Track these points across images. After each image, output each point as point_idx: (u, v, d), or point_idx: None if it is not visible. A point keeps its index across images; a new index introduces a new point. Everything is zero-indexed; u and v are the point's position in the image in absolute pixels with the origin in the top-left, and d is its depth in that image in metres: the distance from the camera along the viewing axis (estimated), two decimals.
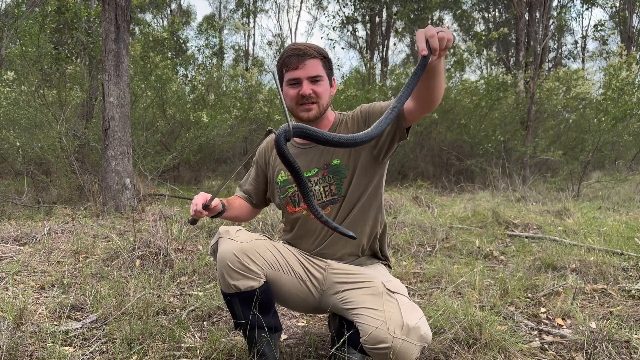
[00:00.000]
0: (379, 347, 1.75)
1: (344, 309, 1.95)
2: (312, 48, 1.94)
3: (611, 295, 3.04)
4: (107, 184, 6.15)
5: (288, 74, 1.93)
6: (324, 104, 1.96)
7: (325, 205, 2.01)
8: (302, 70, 1.91)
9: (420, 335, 1.77)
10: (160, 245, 3.71)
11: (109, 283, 3.20)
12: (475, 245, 4.32)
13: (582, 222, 5.37)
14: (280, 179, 2.09)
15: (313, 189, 2.02)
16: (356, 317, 1.87)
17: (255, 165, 2.24)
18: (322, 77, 1.94)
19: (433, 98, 1.70)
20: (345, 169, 1.99)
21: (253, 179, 2.25)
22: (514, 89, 12.44)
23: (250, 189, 2.26)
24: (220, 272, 1.89)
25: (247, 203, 2.28)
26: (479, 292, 3.01)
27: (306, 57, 1.90)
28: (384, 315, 1.79)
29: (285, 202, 2.09)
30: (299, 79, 1.91)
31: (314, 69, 1.92)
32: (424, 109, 1.78)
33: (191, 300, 2.97)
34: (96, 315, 2.73)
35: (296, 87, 1.93)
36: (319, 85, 1.94)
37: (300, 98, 1.92)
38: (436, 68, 1.56)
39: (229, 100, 11.44)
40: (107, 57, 6.07)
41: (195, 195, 2.01)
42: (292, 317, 2.78)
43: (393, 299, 1.89)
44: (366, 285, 1.96)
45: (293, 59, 1.91)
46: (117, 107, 6.09)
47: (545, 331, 2.55)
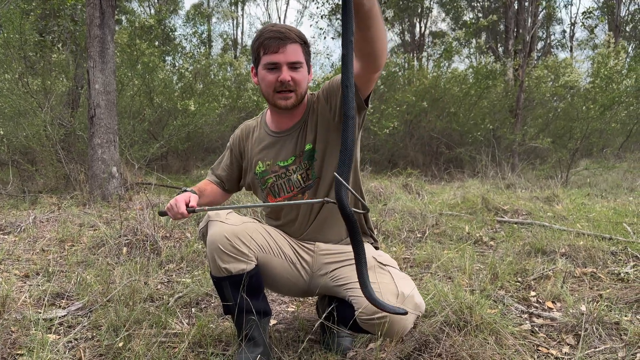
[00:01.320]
0: (375, 317, 1.73)
1: (335, 287, 1.93)
2: (293, 32, 1.85)
3: (600, 278, 3.05)
4: (94, 173, 6.06)
5: (267, 57, 1.84)
6: (302, 92, 1.89)
7: (304, 192, 1.98)
8: (282, 54, 1.81)
9: (415, 303, 1.77)
10: (148, 233, 3.65)
11: (95, 270, 3.14)
12: (465, 231, 4.32)
13: (571, 208, 5.39)
14: (258, 169, 2.04)
15: (291, 178, 1.98)
16: (349, 292, 1.85)
17: (230, 153, 2.19)
18: (302, 63, 1.86)
19: (374, 51, 1.53)
20: (315, 151, 1.94)
21: (227, 165, 2.20)
22: (503, 78, 12.45)
23: (222, 174, 2.22)
24: (211, 255, 1.85)
25: (219, 188, 2.24)
26: (469, 277, 3.00)
27: (287, 41, 1.82)
28: (378, 286, 1.78)
29: (266, 193, 2.05)
30: (278, 63, 1.82)
31: (294, 54, 1.83)
32: (368, 68, 1.62)
33: (179, 287, 2.93)
34: (82, 302, 2.68)
35: (275, 72, 1.84)
36: (298, 72, 1.85)
37: (279, 85, 1.84)
38: (370, 10, 1.39)
39: (217, 89, 11.32)
40: (92, 43, 5.96)
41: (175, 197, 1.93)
42: (282, 303, 2.76)
43: (385, 271, 1.88)
44: None
45: (273, 42, 1.81)
46: (103, 94, 5.99)
47: (535, 314, 2.55)
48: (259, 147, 2.06)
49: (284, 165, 1.98)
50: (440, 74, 12.44)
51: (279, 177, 2.00)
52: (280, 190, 2.02)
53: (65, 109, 8.61)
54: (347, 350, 2.07)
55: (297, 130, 1.97)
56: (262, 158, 2.04)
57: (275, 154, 2.00)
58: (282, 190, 2.01)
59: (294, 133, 1.97)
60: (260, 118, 2.14)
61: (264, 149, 2.04)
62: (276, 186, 2.02)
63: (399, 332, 1.77)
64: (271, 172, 2.01)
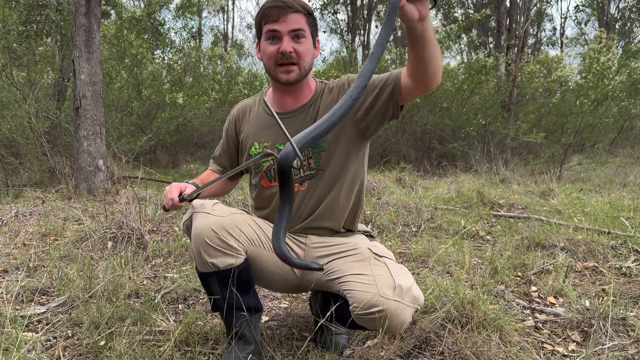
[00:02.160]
0: (372, 312, 1.62)
1: (329, 282, 1.81)
2: (296, 1, 1.73)
3: (602, 273, 2.96)
4: (79, 166, 5.89)
5: (267, 26, 1.73)
6: (305, 66, 1.76)
7: (303, 181, 1.84)
8: (283, 23, 1.70)
9: (413, 296, 1.66)
10: (134, 227, 3.51)
11: (78, 265, 3.00)
12: (461, 225, 4.22)
13: (567, 203, 5.32)
14: (253, 151, 1.90)
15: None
16: (343, 285, 1.73)
17: (226, 135, 2.06)
18: (305, 32, 1.74)
19: (427, 72, 1.51)
20: (324, 141, 1.81)
21: (226, 150, 2.07)
22: (495, 73, 12.39)
23: (224, 161, 2.08)
24: (197, 249, 1.72)
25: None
26: (468, 271, 2.90)
27: (289, 9, 1.70)
28: (373, 278, 1.67)
29: (260, 176, 1.91)
30: (278, 32, 1.71)
31: (297, 22, 1.72)
32: (420, 85, 1.59)
33: (166, 283, 2.80)
34: (63, 298, 2.54)
35: (275, 43, 1.73)
36: (301, 44, 1.73)
37: (280, 56, 1.72)
38: (422, 34, 1.40)
39: (207, 83, 11.13)
40: (78, 32, 5.78)
41: (171, 184, 1.83)
42: (274, 299, 2.64)
43: (381, 262, 1.77)
44: (351, 252, 1.83)
45: (274, 11, 1.70)
46: (89, 85, 5.81)
47: (538, 310, 2.45)
48: (257, 126, 1.92)
49: (281, 148, 1.85)
50: None
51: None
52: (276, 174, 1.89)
53: (51, 101, 8.41)
54: (344, 349, 1.96)
55: (303, 114, 1.84)
56: (259, 139, 1.90)
57: (275, 135, 1.86)
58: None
59: (299, 116, 1.84)
60: (259, 96, 2.01)
61: (262, 129, 1.90)
62: (272, 170, 1.88)
63: (397, 327, 1.65)
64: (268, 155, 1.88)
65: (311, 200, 1.85)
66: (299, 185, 1.85)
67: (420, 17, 1.35)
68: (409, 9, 1.32)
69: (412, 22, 1.36)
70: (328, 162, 1.82)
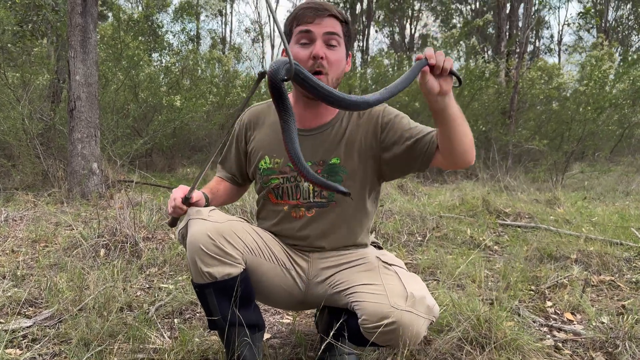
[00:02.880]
0: (382, 325, 1.47)
1: (335, 294, 1.66)
2: (333, 7, 1.58)
3: (620, 287, 2.83)
4: (73, 169, 5.72)
5: (300, 27, 1.57)
6: (334, 77, 1.61)
7: (311, 207, 1.70)
8: (317, 25, 1.55)
9: (427, 306, 1.51)
10: (128, 234, 3.36)
11: (68, 274, 2.84)
12: (467, 234, 4.08)
13: (573, 212, 5.19)
14: (263, 165, 1.75)
15: (301, 185, 1.70)
16: (352, 297, 1.59)
17: (236, 142, 1.88)
18: (340, 39, 1.59)
19: (453, 151, 1.46)
20: (344, 171, 1.67)
21: (235, 156, 1.90)
22: (496, 79, 12.31)
23: (233, 168, 1.91)
24: (192, 258, 1.57)
25: (232, 184, 1.95)
26: (479, 285, 2.76)
27: (325, 12, 1.56)
28: (383, 288, 1.53)
29: (267, 191, 1.77)
30: (311, 33, 1.56)
31: (332, 26, 1.57)
32: (448, 161, 1.53)
33: (161, 294, 2.64)
34: (51, 311, 2.38)
35: (307, 48, 1.57)
36: (334, 52, 1.58)
37: (311, 62, 1.56)
38: (444, 110, 1.38)
39: (205, 86, 10.99)
40: (73, 32, 5.63)
41: (174, 189, 1.70)
42: (276, 313, 2.48)
43: (391, 270, 1.63)
44: (358, 262, 1.69)
45: (309, 12, 1.55)
46: (84, 86, 5.66)
47: (555, 327, 2.31)
48: (269, 138, 1.76)
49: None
50: None
51: (287, 181, 1.72)
52: (285, 194, 1.74)
53: (45, 103, 8.25)
54: None
55: (325, 134, 1.69)
56: (271, 153, 1.74)
57: None
58: (287, 195, 1.74)
59: (319, 136, 1.69)
60: None
61: (275, 143, 1.74)
62: (281, 189, 1.74)
63: (411, 341, 1.50)
64: (279, 173, 1.72)
65: (317, 230, 1.73)
66: (305, 210, 1.72)
67: (440, 92, 1.33)
68: (429, 79, 1.31)
69: (432, 95, 1.34)
70: (343, 197, 1.69)
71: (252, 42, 28.91)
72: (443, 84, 1.33)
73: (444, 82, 1.33)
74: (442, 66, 1.32)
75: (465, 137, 1.45)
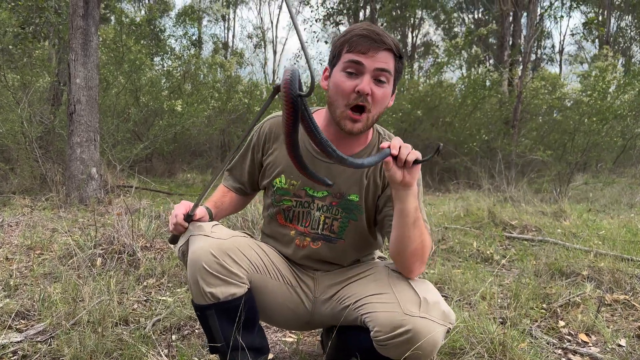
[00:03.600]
0: (396, 334, 1.37)
1: (343, 310, 1.57)
2: (390, 38, 1.45)
3: (635, 307, 2.73)
4: (71, 173, 5.63)
5: (350, 54, 1.43)
6: (375, 115, 1.49)
7: (317, 239, 1.62)
8: (370, 58, 1.41)
9: (442, 311, 1.42)
10: (125, 242, 3.26)
11: (63, 285, 2.74)
12: (474, 247, 3.98)
13: (579, 224, 5.09)
14: (278, 183, 1.64)
15: (313, 214, 1.61)
16: (362, 309, 1.49)
17: (252, 152, 1.73)
18: (390, 77, 1.46)
19: (397, 250, 1.44)
20: (360, 211, 1.59)
21: (249, 166, 1.76)
22: (499, 88, 12.24)
23: (245, 177, 1.78)
24: (193, 278, 1.47)
25: (238, 195, 1.84)
26: (489, 303, 2.66)
27: (382, 46, 1.41)
28: (394, 296, 1.43)
29: (276, 210, 1.67)
30: (363, 66, 1.41)
31: (385, 62, 1.43)
32: (393, 259, 1.52)
33: (159, 308, 2.54)
34: (43, 325, 2.28)
35: (353, 79, 1.43)
36: (381, 88, 1.44)
37: (355, 96, 1.42)
38: (403, 203, 1.35)
39: (207, 91, 10.91)
40: (75, 35, 5.55)
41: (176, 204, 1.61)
42: (278, 331, 2.38)
43: (402, 277, 1.53)
44: (367, 274, 1.60)
45: (365, 42, 1.41)
46: (84, 90, 5.58)
47: (570, 350, 2.21)
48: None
49: (311, 194, 1.61)
50: (434, 84, 12.21)
51: (300, 205, 1.63)
52: (295, 218, 1.65)
53: (46, 106, 8.17)
54: None
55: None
56: (288, 173, 1.63)
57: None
58: (297, 220, 1.65)
59: (339, 166, 1.59)
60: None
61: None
62: (292, 212, 1.65)
63: (429, 351, 1.40)
64: (293, 195, 1.63)
65: (320, 261, 1.67)
66: (310, 241, 1.64)
67: (402, 182, 1.31)
68: (392, 167, 1.28)
69: (393, 183, 1.32)
70: (353, 236, 1.62)
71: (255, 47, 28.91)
72: (406, 175, 1.30)
73: (408, 173, 1.30)
74: (404, 159, 1.28)
75: (410, 242, 1.41)
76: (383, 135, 1.66)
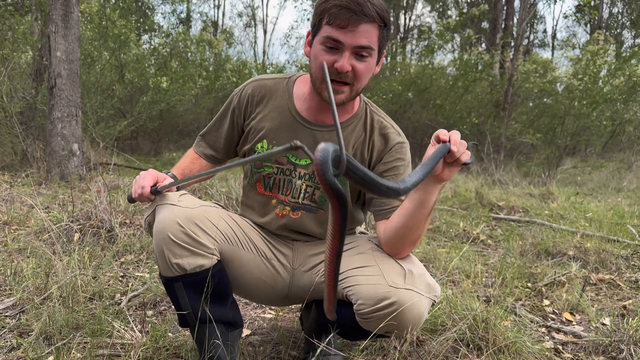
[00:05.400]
0: (381, 307, 1.33)
1: (323, 283, 1.51)
2: (374, 6, 1.33)
3: (620, 286, 2.70)
4: (52, 149, 5.50)
5: (329, 28, 1.34)
6: (359, 88, 1.42)
7: (297, 209, 1.55)
8: (349, 34, 1.33)
9: (427, 283, 1.38)
10: (104, 218, 3.17)
11: (37, 260, 2.66)
12: (461, 227, 3.94)
13: (567, 207, 5.08)
14: (259, 148, 1.55)
15: (294, 182, 1.54)
16: (344, 283, 1.43)
17: (231, 114, 1.63)
18: (372, 52, 1.38)
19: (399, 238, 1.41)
20: (343, 182, 1.50)
21: (227, 130, 1.65)
22: (490, 71, 12.16)
23: (220, 142, 1.67)
24: (159, 249, 1.39)
25: (209, 162, 1.72)
26: (473, 281, 2.62)
27: (363, 18, 1.32)
28: (379, 269, 1.39)
29: (256, 178, 1.59)
30: (342, 44, 1.34)
31: (366, 37, 1.34)
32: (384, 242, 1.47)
33: (135, 284, 2.47)
34: (13, 299, 2.20)
35: (333, 54, 1.36)
36: (363, 63, 1.37)
37: (334, 72, 1.36)
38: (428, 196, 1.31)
39: (194, 69, 10.70)
40: (55, 6, 5.37)
41: (148, 170, 1.51)
42: (257, 307, 2.32)
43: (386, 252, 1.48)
44: (350, 247, 1.54)
45: (344, 13, 1.31)
46: (65, 63, 5.42)
47: (554, 328, 2.17)
48: (274, 122, 1.55)
49: (293, 162, 1.53)
50: (426, 65, 12.10)
51: (282, 172, 1.55)
52: (275, 186, 1.57)
53: (28, 81, 7.96)
54: None
55: (333, 134, 1.52)
56: (271, 138, 1.54)
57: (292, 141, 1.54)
58: (278, 188, 1.57)
59: (327, 134, 1.52)
60: (286, 84, 1.59)
61: (278, 130, 1.54)
62: (273, 179, 1.56)
63: (413, 322, 1.35)
64: (275, 162, 1.54)
65: (298, 232, 1.61)
66: (290, 210, 1.57)
67: (440, 177, 1.27)
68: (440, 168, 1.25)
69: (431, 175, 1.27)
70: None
71: (245, 26, 28.49)
72: (446, 171, 1.25)
73: (449, 170, 1.25)
74: (456, 158, 1.21)
75: (416, 231, 1.39)
76: (370, 106, 1.59)
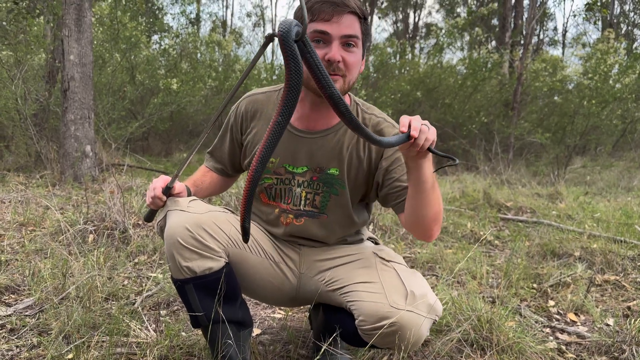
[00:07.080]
0: (381, 326, 1.37)
1: (330, 293, 1.56)
2: (353, 0, 1.40)
3: (625, 287, 2.73)
4: (66, 151, 5.60)
5: (315, 24, 1.39)
6: (351, 80, 1.45)
7: (300, 216, 1.60)
8: (335, 24, 1.37)
9: (429, 304, 1.40)
10: (117, 219, 3.25)
11: (54, 260, 2.74)
12: (468, 228, 3.98)
13: (575, 207, 5.09)
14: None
15: (294, 190, 1.58)
16: (347, 297, 1.48)
17: (230, 132, 1.71)
18: (358, 41, 1.43)
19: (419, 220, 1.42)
20: (341, 185, 1.55)
21: (228, 146, 1.73)
22: (499, 70, 12.12)
23: (225, 158, 1.75)
24: (170, 253, 1.46)
25: (221, 176, 1.81)
26: (480, 282, 2.67)
27: (345, 9, 1.37)
28: (381, 286, 1.42)
29: (259, 190, 1.64)
30: (329, 35, 1.38)
31: (351, 26, 1.39)
32: (409, 229, 1.51)
33: (149, 284, 2.54)
34: (32, 299, 2.28)
35: (322, 47, 1.39)
36: (351, 53, 1.41)
37: (326, 65, 1.38)
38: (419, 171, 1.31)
39: (204, 69, 10.79)
40: (68, 10, 5.47)
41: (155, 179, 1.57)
42: (267, 307, 2.38)
43: (389, 267, 1.52)
44: (354, 258, 1.58)
45: (326, 7, 1.37)
46: (78, 66, 5.51)
47: (558, 329, 2.21)
48: None
49: (291, 171, 1.58)
50: (435, 64, 12.09)
51: (281, 182, 1.60)
52: (278, 196, 1.62)
53: (41, 83, 8.09)
54: None
55: (337, 136, 1.56)
56: None
57: (285, 154, 1.57)
58: (280, 197, 1.62)
59: (319, 140, 1.55)
60: (277, 96, 1.64)
61: None
62: (274, 190, 1.62)
63: (413, 343, 1.40)
64: (273, 173, 1.59)
65: (303, 238, 1.65)
66: (293, 218, 1.61)
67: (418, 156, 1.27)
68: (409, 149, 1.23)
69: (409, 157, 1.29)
70: (335, 211, 1.59)
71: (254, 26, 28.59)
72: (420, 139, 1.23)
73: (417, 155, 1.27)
74: (421, 145, 1.21)
75: (431, 207, 1.39)
76: (361, 106, 1.63)
